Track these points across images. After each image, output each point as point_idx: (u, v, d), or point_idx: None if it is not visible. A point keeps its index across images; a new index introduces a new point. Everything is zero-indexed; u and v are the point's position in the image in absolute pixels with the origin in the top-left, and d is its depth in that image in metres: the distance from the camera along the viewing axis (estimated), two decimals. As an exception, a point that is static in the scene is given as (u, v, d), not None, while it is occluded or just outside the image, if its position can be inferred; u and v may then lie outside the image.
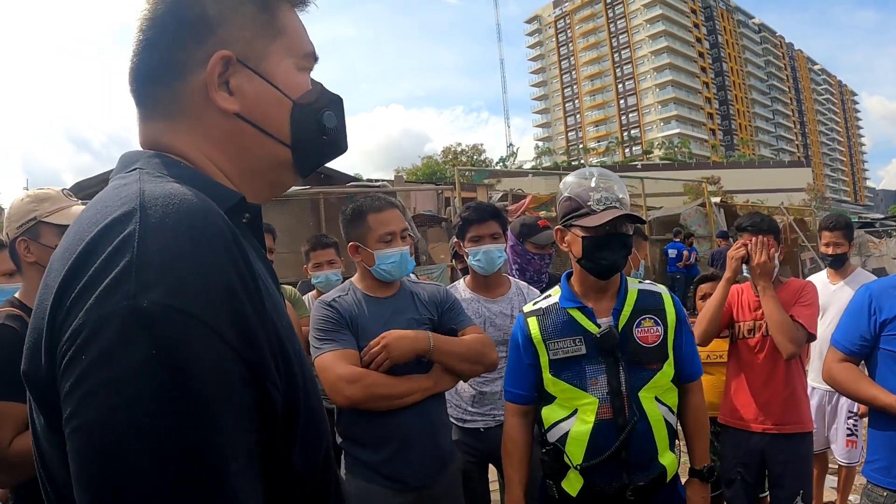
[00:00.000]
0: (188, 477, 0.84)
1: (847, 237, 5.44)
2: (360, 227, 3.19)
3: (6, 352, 2.53)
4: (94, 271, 0.89)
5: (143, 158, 1.15)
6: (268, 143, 1.23)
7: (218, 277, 0.93)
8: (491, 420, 3.88)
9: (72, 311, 0.89)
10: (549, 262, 4.52)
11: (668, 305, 2.96)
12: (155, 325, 0.85)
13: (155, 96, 1.19)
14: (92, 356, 0.85)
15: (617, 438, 2.77)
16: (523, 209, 18.01)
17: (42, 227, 2.78)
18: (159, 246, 0.90)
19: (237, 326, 0.93)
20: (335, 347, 2.99)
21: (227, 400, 0.89)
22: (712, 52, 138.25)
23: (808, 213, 30.59)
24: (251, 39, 1.19)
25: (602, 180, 2.88)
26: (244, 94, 1.19)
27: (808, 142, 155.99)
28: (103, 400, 0.83)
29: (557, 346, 2.90)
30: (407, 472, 3.03)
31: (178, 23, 1.15)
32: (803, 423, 4.15)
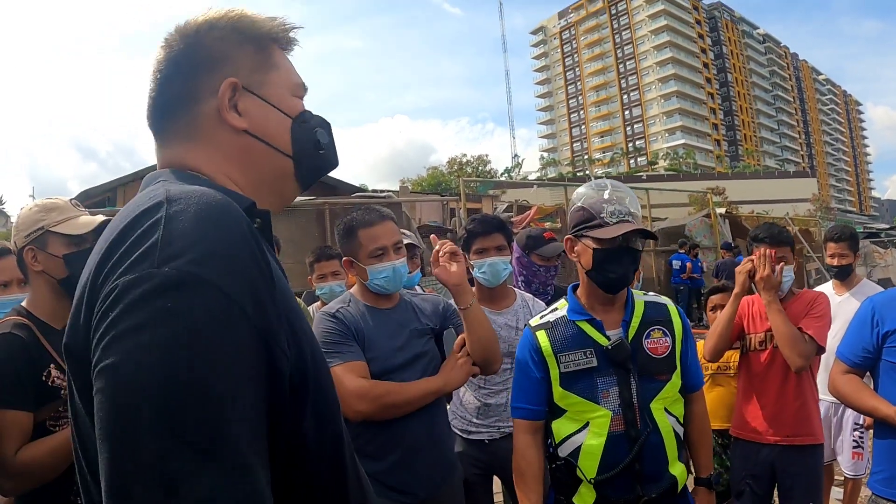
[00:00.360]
0: (193, 415, 0.94)
1: (852, 248, 5.41)
2: (352, 243, 3.18)
3: (12, 361, 2.55)
4: (127, 248, 1.06)
5: (165, 174, 1.32)
6: (274, 156, 1.43)
7: (234, 253, 1.08)
8: (496, 431, 3.87)
9: (106, 281, 1.05)
10: (555, 274, 4.52)
11: (674, 317, 2.96)
12: (174, 286, 0.99)
13: (174, 123, 1.38)
14: (119, 310, 0.99)
15: (630, 451, 2.76)
16: (528, 220, 17.99)
17: (49, 237, 2.79)
18: (182, 227, 1.06)
19: (250, 295, 1.07)
20: (342, 360, 2.97)
21: (235, 353, 1.01)
22: (717, 62, 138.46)
23: (813, 224, 30.58)
24: (252, 71, 1.41)
25: (616, 193, 2.87)
26: (250, 114, 1.39)
27: (812, 152, 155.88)
28: (127, 343, 0.96)
29: (569, 359, 2.87)
30: (414, 481, 3.02)
31: (192, 60, 1.37)
32: (814, 434, 4.11)
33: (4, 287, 3.25)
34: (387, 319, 3.19)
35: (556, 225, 19.76)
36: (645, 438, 2.76)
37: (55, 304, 2.84)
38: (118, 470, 0.93)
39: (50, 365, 2.66)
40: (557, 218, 20.70)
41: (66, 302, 2.90)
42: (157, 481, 0.91)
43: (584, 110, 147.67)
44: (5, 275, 3.24)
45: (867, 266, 22.60)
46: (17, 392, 2.51)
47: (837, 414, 5.43)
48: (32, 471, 2.46)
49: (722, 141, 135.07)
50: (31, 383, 2.57)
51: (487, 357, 3.20)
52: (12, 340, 2.59)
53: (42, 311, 2.81)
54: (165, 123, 1.40)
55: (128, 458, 0.92)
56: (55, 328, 2.81)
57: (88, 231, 2.82)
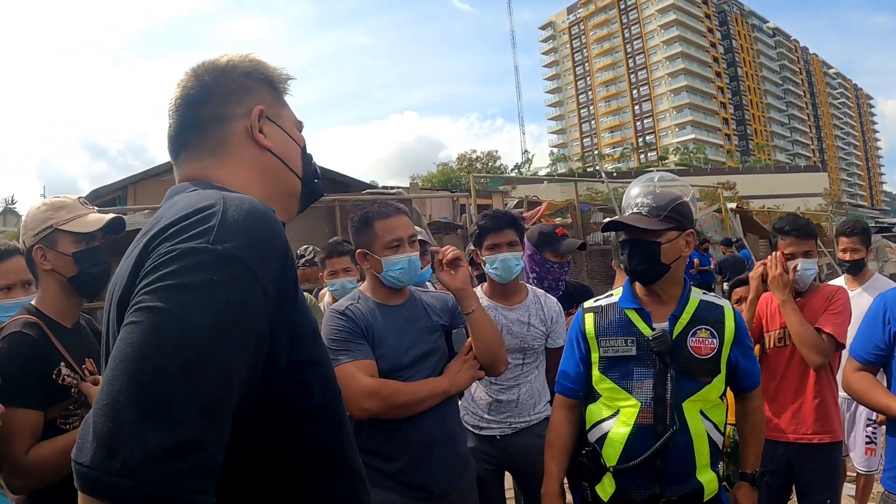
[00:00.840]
0: (203, 362, 1.13)
1: (864, 242, 5.35)
2: (367, 234, 3.17)
3: (22, 360, 2.55)
4: (185, 225, 1.27)
5: (196, 184, 1.53)
6: (288, 175, 1.69)
7: (271, 248, 1.32)
8: (507, 427, 3.87)
9: (160, 245, 1.25)
10: (567, 271, 4.52)
11: (728, 319, 2.92)
12: (221, 262, 1.21)
13: (204, 140, 1.60)
14: (171, 269, 1.19)
15: (654, 445, 2.78)
16: (539, 216, 17.97)
17: (58, 235, 2.81)
18: (235, 221, 1.28)
19: (274, 284, 1.30)
20: (350, 359, 2.97)
21: (247, 327, 1.23)
22: (727, 56, 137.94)
23: (825, 219, 30.49)
24: (271, 104, 1.68)
25: (636, 185, 3.02)
26: (273, 137, 1.65)
27: (823, 146, 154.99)
28: (175, 295, 1.16)
29: (609, 344, 2.95)
30: (429, 479, 3.02)
31: (223, 88, 1.61)
32: (833, 432, 4.08)
33: (7, 290, 3.18)
34: (396, 316, 3.18)
35: (567, 221, 19.77)
36: (670, 435, 2.76)
37: (65, 302, 2.86)
38: (124, 388, 1.08)
39: (60, 363, 2.67)
40: (568, 213, 20.69)
41: (75, 300, 2.91)
42: (152, 409, 1.07)
43: (593, 105, 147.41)
44: (8, 278, 3.17)
45: (879, 261, 22.51)
46: (27, 391, 2.52)
47: (850, 410, 5.39)
48: (43, 470, 2.47)
49: (732, 136, 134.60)
50: (40, 382, 2.58)
51: (493, 360, 3.20)
52: (22, 339, 2.60)
53: (52, 309, 2.82)
54: (194, 139, 1.60)
55: (136, 382, 1.08)
56: (65, 326, 2.82)
57: (97, 229, 2.84)
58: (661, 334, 2.84)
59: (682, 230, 2.91)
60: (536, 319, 3.95)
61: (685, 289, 2.97)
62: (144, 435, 1.04)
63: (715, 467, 2.88)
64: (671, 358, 2.82)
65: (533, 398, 3.92)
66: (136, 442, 1.03)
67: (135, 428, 1.04)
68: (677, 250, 2.91)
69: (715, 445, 2.86)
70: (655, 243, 2.88)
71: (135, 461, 1.02)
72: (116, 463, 1.02)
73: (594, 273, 18.81)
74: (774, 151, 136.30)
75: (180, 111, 1.61)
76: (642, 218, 2.93)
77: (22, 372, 2.52)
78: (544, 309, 4.00)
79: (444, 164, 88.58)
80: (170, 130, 1.63)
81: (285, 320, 1.34)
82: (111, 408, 1.06)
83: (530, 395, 3.91)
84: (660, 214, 2.89)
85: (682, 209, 2.91)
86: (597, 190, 26.75)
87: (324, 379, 1.49)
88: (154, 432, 1.04)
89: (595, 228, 20.52)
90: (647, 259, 2.89)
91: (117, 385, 1.08)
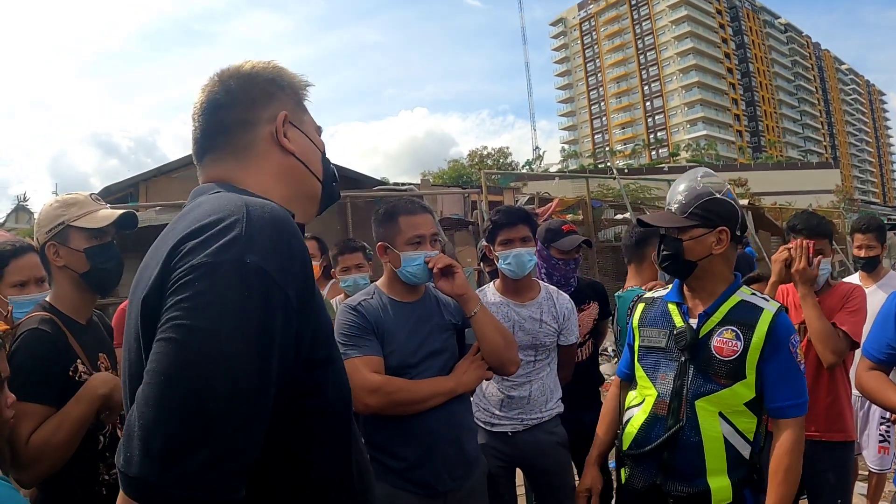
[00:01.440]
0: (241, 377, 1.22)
1: (880, 239, 5.31)
2: (391, 228, 3.18)
3: (38, 356, 2.56)
4: (212, 234, 1.32)
5: (217, 185, 1.60)
6: (310, 178, 1.75)
7: (292, 258, 1.38)
8: (519, 424, 3.87)
9: (191, 254, 1.30)
10: (575, 267, 4.50)
11: (762, 323, 2.75)
12: (251, 276, 1.28)
13: (229, 143, 1.66)
14: (207, 283, 1.25)
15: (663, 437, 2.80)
16: (550, 212, 17.94)
17: (71, 232, 2.83)
18: (259, 229, 1.34)
19: (297, 291, 1.37)
20: (358, 354, 2.99)
21: (277, 338, 1.30)
22: (738, 52, 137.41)
23: (837, 215, 30.32)
24: (293, 109, 1.74)
25: (681, 180, 3.01)
26: (296, 142, 1.71)
27: (835, 143, 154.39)
28: (208, 311, 1.23)
29: (646, 334, 3.04)
30: (433, 477, 3.03)
31: (248, 94, 1.67)
32: (846, 431, 4.05)
33: (22, 286, 3.22)
34: (409, 313, 3.19)
35: (578, 217, 19.71)
36: (677, 430, 2.76)
37: (78, 298, 2.88)
38: (175, 407, 1.17)
39: (76, 360, 2.69)
40: (579, 210, 20.64)
41: (88, 296, 2.92)
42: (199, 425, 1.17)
43: (604, 102, 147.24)
44: (23, 274, 3.21)
45: (891, 258, 22.39)
46: (41, 387, 2.52)
47: (864, 408, 5.36)
48: (45, 452, 2.45)
49: (744, 132, 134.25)
50: (56, 379, 2.59)
51: (501, 362, 3.21)
52: (39, 336, 2.61)
53: (66, 305, 2.84)
54: (220, 143, 1.67)
55: (182, 401, 1.17)
56: (80, 323, 2.84)
57: (109, 224, 2.85)
58: (684, 330, 2.85)
59: (713, 227, 2.84)
60: (549, 316, 3.94)
61: (730, 287, 2.91)
62: (196, 450, 1.16)
63: (734, 475, 2.75)
64: (692, 354, 2.81)
65: (545, 395, 3.91)
66: (188, 458, 1.15)
67: (188, 445, 1.16)
68: (705, 247, 2.84)
69: (736, 453, 2.76)
70: (678, 240, 2.87)
71: (187, 474, 1.15)
72: (171, 476, 1.15)
73: (606, 270, 18.76)
74: (786, 148, 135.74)
75: (206, 115, 1.67)
76: (668, 215, 2.93)
77: (39, 368, 2.53)
78: (556, 306, 3.99)
79: (455, 161, 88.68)
80: (195, 133, 1.70)
81: (307, 323, 1.40)
82: (163, 423, 1.17)
83: (542, 391, 3.90)
84: (685, 211, 2.87)
85: (712, 206, 2.84)
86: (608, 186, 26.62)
87: (337, 377, 1.55)
88: (202, 447, 1.16)
89: (607, 225, 20.51)
90: (672, 255, 2.90)
91: (165, 401, 1.18)
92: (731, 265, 2.94)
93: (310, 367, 1.44)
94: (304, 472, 1.46)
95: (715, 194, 2.86)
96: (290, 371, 1.37)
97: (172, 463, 1.15)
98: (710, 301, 2.89)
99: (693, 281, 2.94)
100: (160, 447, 1.15)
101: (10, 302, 3.16)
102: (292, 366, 1.37)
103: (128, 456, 1.19)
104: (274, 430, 1.35)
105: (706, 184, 2.88)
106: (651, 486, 2.84)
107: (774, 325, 2.75)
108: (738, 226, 2.87)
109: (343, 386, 1.59)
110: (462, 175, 68.72)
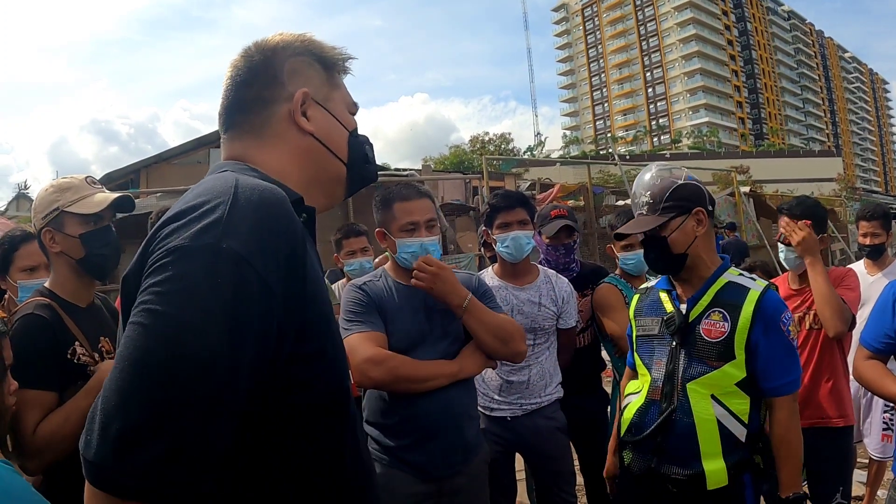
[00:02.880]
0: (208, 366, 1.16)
1: (885, 227, 5.30)
2: (387, 215, 3.19)
3: (34, 341, 2.56)
4: (193, 217, 1.28)
5: (229, 164, 1.56)
6: (332, 160, 1.68)
7: (276, 243, 1.32)
8: (518, 409, 3.88)
9: (170, 236, 1.26)
10: (566, 252, 4.48)
11: (748, 304, 2.76)
12: (227, 262, 1.22)
13: (247, 121, 1.62)
14: (179, 268, 1.21)
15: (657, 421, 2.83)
16: (552, 198, 17.96)
17: (65, 217, 2.82)
18: (242, 213, 1.29)
19: (282, 281, 1.30)
20: (363, 329, 3.00)
21: (252, 329, 1.23)
22: (741, 39, 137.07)
23: (839, 204, 30.29)
24: (321, 85, 1.68)
25: (636, 185, 3.03)
26: (317, 121, 1.65)
27: (838, 131, 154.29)
28: (177, 297, 1.19)
29: (641, 324, 3.09)
30: (427, 461, 3.03)
31: (270, 70, 1.62)
32: (847, 416, 4.05)
33: (31, 271, 3.32)
34: (412, 296, 3.18)
35: (580, 203, 19.72)
36: (669, 414, 2.79)
37: (76, 283, 2.88)
38: (134, 391, 1.12)
39: (74, 343, 2.68)
40: (581, 196, 20.65)
41: (86, 280, 2.93)
42: (161, 414, 1.11)
43: (606, 88, 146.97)
44: (32, 259, 3.30)
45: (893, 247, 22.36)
46: (40, 372, 2.52)
47: (867, 395, 5.34)
48: (53, 442, 2.47)
49: (746, 119, 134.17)
50: (55, 363, 2.58)
51: (501, 358, 3.28)
52: (34, 321, 2.61)
53: (64, 290, 2.84)
54: (239, 119, 1.63)
55: (144, 387, 1.12)
56: (79, 307, 2.84)
57: (104, 208, 2.84)
58: (673, 314, 2.88)
59: (689, 211, 2.87)
60: (547, 300, 3.95)
61: (717, 270, 2.92)
62: (153, 440, 1.10)
63: (729, 458, 2.76)
64: (682, 339, 2.84)
65: (544, 379, 3.91)
66: (145, 448, 1.10)
67: (144, 434, 1.11)
68: (687, 234, 2.87)
69: (730, 435, 2.76)
70: (661, 238, 2.88)
71: (142, 465, 1.10)
72: (126, 465, 1.10)
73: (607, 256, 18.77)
74: (788, 135, 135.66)
75: (230, 92, 1.65)
76: (643, 219, 2.95)
77: (35, 353, 2.53)
78: (555, 289, 4.00)
79: (456, 147, 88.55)
80: (220, 109, 1.67)
81: (293, 315, 1.35)
82: (122, 410, 1.12)
83: (541, 376, 3.90)
84: (657, 208, 2.88)
85: (681, 192, 2.88)
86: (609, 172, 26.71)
87: (330, 372, 1.49)
88: (162, 438, 1.11)
89: (608, 211, 20.49)
90: (660, 255, 2.92)
91: (126, 387, 1.13)
92: (713, 245, 2.98)
93: (296, 362, 1.38)
94: (293, 469, 1.40)
95: (678, 181, 2.90)
96: (272, 365, 1.31)
97: (127, 452, 1.10)
98: (700, 285, 2.91)
99: (682, 270, 2.95)
100: (116, 433, 1.10)
101: (19, 286, 3.18)
102: (273, 359, 1.32)
103: (87, 439, 1.15)
104: (259, 426, 1.32)
105: (664, 175, 2.93)
106: (648, 470, 2.87)
107: (761, 304, 2.77)
108: (707, 202, 2.92)
109: (338, 381, 1.52)
110: (464, 161, 68.74)
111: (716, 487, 2.75)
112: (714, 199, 3.02)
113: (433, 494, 3.05)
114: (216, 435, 1.18)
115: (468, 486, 3.15)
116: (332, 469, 1.47)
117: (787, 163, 78.28)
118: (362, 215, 13.30)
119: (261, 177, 1.49)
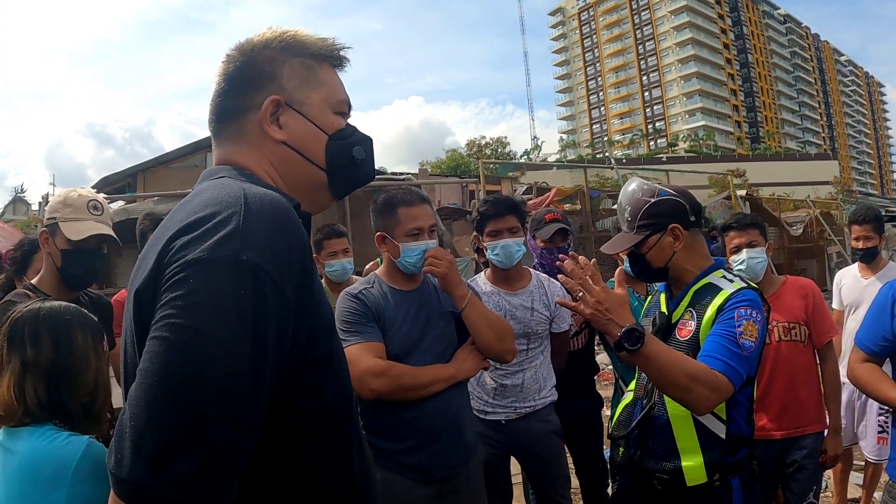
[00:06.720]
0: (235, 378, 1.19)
1: (877, 230, 5.31)
2: (390, 219, 3.19)
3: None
4: (208, 228, 1.27)
5: (224, 170, 1.55)
6: (308, 167, 1.63)
7: (291, 253, 1.33)
8: (512, 412, 3.89)
9: (186, 249, 1.25)
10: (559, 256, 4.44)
11: (715, 301, 2.73)
12: (247, 274, 1.23)
13: (227, 128, 1.62)
14: (201, 281, 1.21)
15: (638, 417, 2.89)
16: (548, 202, 17.95)
17: (58, 229, 3.06)
18: (257, 224, 1.29)
19: (295, 290, 1.33)
20: (360, 340, 3.01)
21: (273, 339, 1.26)
22: (737, 43, 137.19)
23: (835, 207, 30.27)
24: (297, 88, 1.62)
25: (620, 201, 3.03)
26: (290, 128, 1.60)
27: (834, 134, 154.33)
28: (202, 310, 1.19)
29: (643, 325, 2.97)
30: (430, 463, 3.05)
31: (244, 77, 1.60)
32: (821, 421, 4.14)
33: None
34: (408, 301, 3.21)
35: (576, 206, 19.71)
36: (647, 410, 2.84)
37: (58, 284, 3.10)
38: (165, 409, 1.14)
39: None
40: (577, 200, 20.64)
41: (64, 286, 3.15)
42: (193, 428, 1.14)
43: (603, 92, 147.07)
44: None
45: (889, 250, 22.40)
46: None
47: (861, 398, 5.33)
48: None
49: (742, 122, 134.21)
50: None
51: (496, 355, 3.29)
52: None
53: (46, 287, 3.07)
54: (221, 127, 1.63)
55: (175, 403, 1.14)
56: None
57: (85, 237, 3.06)
58: (654, 316, 2.96)
59: (664, 228, 2.85)
60: (540, 304, 3.97)
61: (701, 273, 2.91)
62: (189, 453, 1.13)
63: (708, 456, 2.72)
64: (665, 339, 2.84)
65: (538, 383, 3.93)
66: (182, 461, 1.12)
67: (179, 447, 1.13)
68: (664, 251, 2.87)
69: (707, 432, 2.73)
70: (640, 255, 2.92)
71: (179, 478, 1.12)
72: (162, 480, 1.11)
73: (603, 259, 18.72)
74: (785, 139, 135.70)
75: (213, 99, 1.64)
76: (622, 237, 2.99)
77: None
78: (548, 293, 4.01)
79: (453, 150, 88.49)
80: (209, 115, 1.67)
81: (303, 322, 1.36)
82: (154, 426, 1.14)
83: (535, 379, 3.92)
84: (634, 226, 2.91)
85: (654, 210, 2.86)
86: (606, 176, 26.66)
87: (337, 376, 1.51)
88: (194, 451, 1.13)
89: (605, 215, 20.52)
90: (643, 269, 2.96)
91: (156, 402, 1.14)
92: (699, 250, 2.92)
93: (306, 367, 1.39)
94: (301, 473, 1.42)
95: (650, 199, 2.89)
96: (286, 371, 1.33)
97: (164, 466, 1.11)
98: (683, 287, 2.95)
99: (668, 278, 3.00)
100: (151, 450, 1.12)
101: None
102: (287, 366, 1.34)
103: (118, 457, 1.15)
104: (270, 431, 1.32)
105: (638, 194, 2.92)
106: (630, 462, 2.93)
107: (726, 300, 2.70)
108: (688, 214, 2.88)
109: (344, 385, 1.55)
110: (460, 165, 68.65)
111: (695, 484, 2.74)
112: (700, 205, 3.01)
113: (433, 496, 3.08)
114: (246, 442, 1.22)
115: (466, 486, 3.19)
116: (339, 470, 1.50)
117: (784, 166, 78.22)
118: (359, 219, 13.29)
119: (261, 184, 1.49)
